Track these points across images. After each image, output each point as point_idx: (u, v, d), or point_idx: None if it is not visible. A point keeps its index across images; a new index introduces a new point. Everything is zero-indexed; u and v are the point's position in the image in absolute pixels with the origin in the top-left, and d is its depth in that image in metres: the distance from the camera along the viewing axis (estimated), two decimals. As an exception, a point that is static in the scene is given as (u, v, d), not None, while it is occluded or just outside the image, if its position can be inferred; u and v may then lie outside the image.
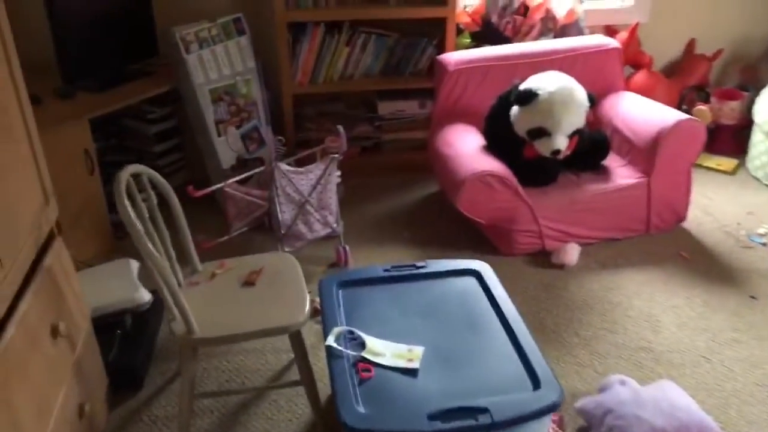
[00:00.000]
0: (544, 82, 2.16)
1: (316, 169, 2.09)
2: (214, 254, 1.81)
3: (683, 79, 3.21)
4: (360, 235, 2.46)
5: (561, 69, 2.56)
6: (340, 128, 2.17)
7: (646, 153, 2.32)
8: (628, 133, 2.41)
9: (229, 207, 2.39)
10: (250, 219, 2.41)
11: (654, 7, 3.17)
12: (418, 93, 2.85)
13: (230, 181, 2.23)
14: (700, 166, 2.99)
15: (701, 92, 3.21)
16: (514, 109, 2.20)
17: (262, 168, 2.41)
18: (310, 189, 2.11)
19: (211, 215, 2.45)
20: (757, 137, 2.87)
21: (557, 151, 2.17)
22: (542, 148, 2.18)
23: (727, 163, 3.00)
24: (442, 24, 2.72)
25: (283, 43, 2.61)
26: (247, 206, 2.32)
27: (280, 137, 2.71)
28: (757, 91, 3.22)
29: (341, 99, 2.96)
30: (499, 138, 2.28)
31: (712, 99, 3.12)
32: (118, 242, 2.38)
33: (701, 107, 3.06)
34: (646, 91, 3.05)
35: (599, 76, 2.65)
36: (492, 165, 2.18)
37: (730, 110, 3.08)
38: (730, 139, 3.13)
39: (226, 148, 2.50)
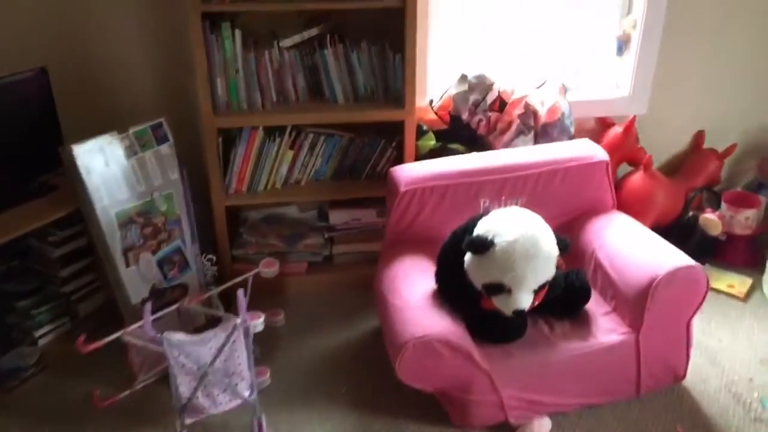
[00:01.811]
0: (503, 227, 1.75)
1: (215, 338, 1.70)
2: (113, 413, 1.44)
3: (690, 179, 2.78)
4: (289, 390, 2.06)
5: (536, 186, 2.19)
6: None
7: (633, 304, 1.89)
8: (613, 275, 1.98)
9: (131, 356, 2.02)
10: (160, 369, 2.04)
11: (654, 96, 2.75)
12: (376, 200, 2.46)
13: (131, 327, 1.86)
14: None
15: (711, 194, 2.78)
16: (468, 256, 1.79)
17: (176, 305, 2.05)
18: (212, 356, 1.72)
19: (118, 359, 2.07)
20: (777, 260, 2.44)
21: (520, 311, 1.76)
22: (501, 305, 1.77)
23: (741, 283, 2.55)
24: (401, 127, 2.34)
25: (212, 151, 2.25)
26: (154, 353, 1.95)
27: (210, 256, 2.35)
28: (776, 191, 2.79)
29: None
30: (453, 284, 1.88)
31: (723, 205, 2.68)
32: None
33: (709, 216, 2.63)
34: (645, 196, 2.65)
35: (583, 194, 2.25)
36: (440, 325, 1.77)
37: (745, 219, 2.64)
38: (745, 251, 2.69)
39: (137, 278, 2.13)
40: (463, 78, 2.51)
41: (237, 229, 2.52)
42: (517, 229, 1.74)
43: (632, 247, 2.01)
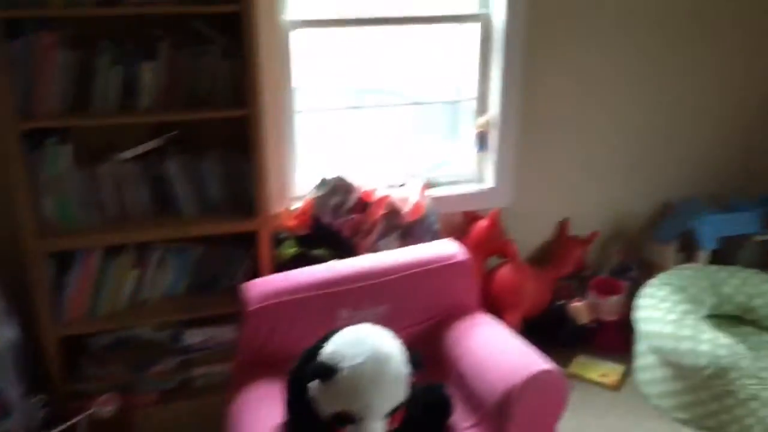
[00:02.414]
0: (350, 349, 1.64)
1: None
2: None
3: (557, 268, 2.82)
4: None
5: (398, 291, 2.11)
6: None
7: (495, 415, 1.81)
8: (474, 385, 1.91)
9: None
10: None
11: (519, 188, 2.81)
12: (236, 316, 2.29)
13: None
14: (581, 378, 2.54)
15: (578, 282, 2.83)
16: (314, 384, 1.66)
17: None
18: None
19: None
20: (642, 346, 2.46)
21: (372, 441, 1.62)
22: (352, 436, 1.63)
23: (613, 372, 2.55)
24: (255, 237, 2.23)
25: (39, 278, 2.03)
26: None
27: (41, 396, 2.08)
28: (640, 273, 2.88)
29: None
30: (303, 415, 1.73)
31: (590, 293, 2.73)
32: None
33: (577, 304, 2.65)
34: (513, 288, 2.64)
35: (446, 296, 2.19)
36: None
37: (611, 305, 2.69)
38: (614, 337, 2.71)
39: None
40: (323, 181, 2.46)
41: (77, 358, 2.26)
42: (364, 351, 1.63)
43: (493, 354, 1.95)
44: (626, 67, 2.80)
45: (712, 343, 2.13)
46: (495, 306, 2.64)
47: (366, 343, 1.66)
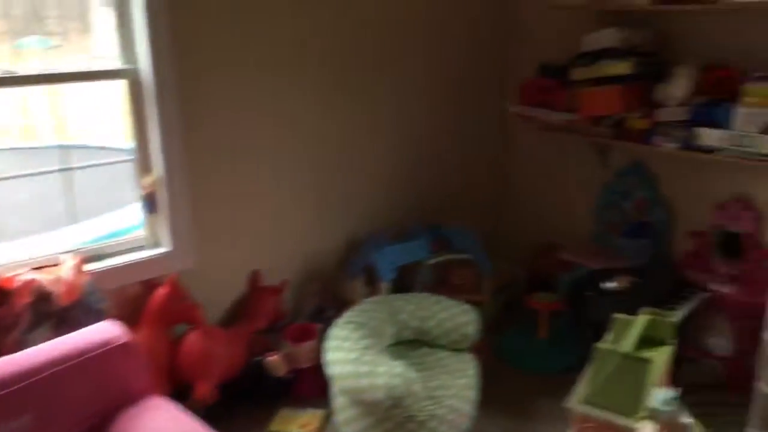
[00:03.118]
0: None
1: None
2: None
3: (252, 323, 2.74)
4: None
5: (46, 395, 1.79)
6: None
7: None
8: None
9: None
10: None
11: (200, 247, 2.67)
12: None
13: None
14: (283, 434, 2.49)
15: (274, 334, 2.79)
16: None
17: None
18: None
19: None
20: (333, 388, 2.50)
21: None
22: None
23: (313, 419, 2.55)
24: None
25: None
26: None
27: None
28: (336, 312, 2.94)
29: None
30: None
31: (285, 342, 2.70)
32: None
33: (271, 358, 2.60)
34: (203, 355, 2.47)
35: (108, 387, 1.92)
36: None
37: (305, 352, 2.70)
38: (314, 383, 2.72)
39: None
40: (-60, 274, 2.02)
41: None
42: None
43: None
44: (293, 111, 2.87)
45: (387, 374, 2.24)
46: (186, 377, 2.45)
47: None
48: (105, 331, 2.00)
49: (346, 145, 3.10)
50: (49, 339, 2.02)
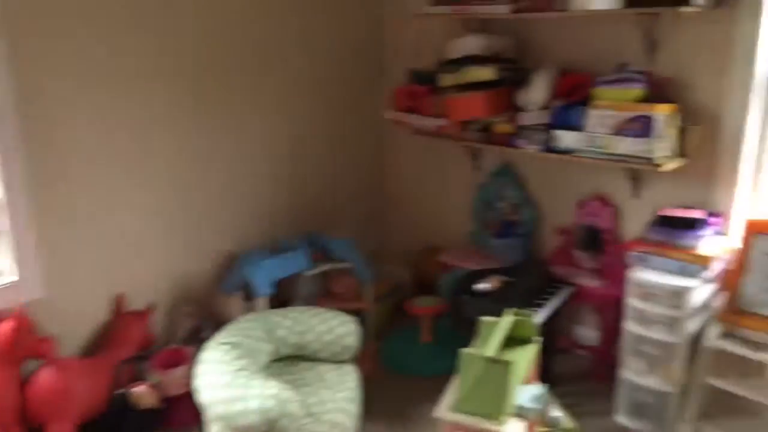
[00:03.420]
0: None
1: None
2: None
3: (116, 352, 2.54)
4: None
5: None
6: None
7: None
8: None
9: None
10: None
11: (51, 274, 2.44)
12: None
13: None
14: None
15: (142, 362, 2.60)
16: None
17: None
18: None
19: None
20: (206, 415, 2.36)
21: None
22: None
23: (188, 449, 2.42)
24: None
25: None
26: None
27: None
28: (213, 332, 2.80)
29: None
30: None
31: (154, 370, 2.53)
32: None
33: (137, 389, 2.42)
34: (58, 394, 2.26)
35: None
36: None
37: (176, 379, 2.54)
38: (188, 410, 2.57)
39: None
40: None
41: None
42: None
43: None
44: (149, 124, 2.69)
45: (260, 397, 2.14)
46: (39, 419, 2.23)
47: None
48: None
49: (213, 158, 2.97)
50: None
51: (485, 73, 2.92)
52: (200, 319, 2.91)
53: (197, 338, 2.79)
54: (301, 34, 3.22)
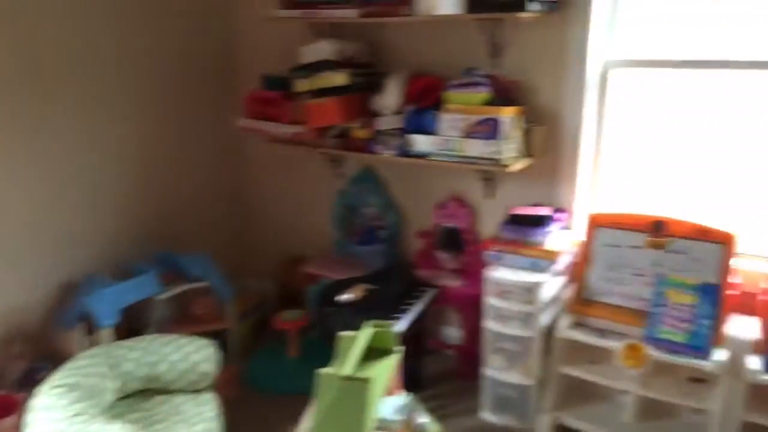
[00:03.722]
0: None
1: None
2: None
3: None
4: None
5: None
6: None
7: None
8: None
9: None
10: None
11: None
12: None
13: None
14: None
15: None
16: None
17: None
18: None
19: None
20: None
21: None
22: None
23: None
24: None
25: None
26: None
27: None
28: (49, 372, 2.50)
29: None
30: None
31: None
32: None
33: (-45, 450, 2.10)
34: None
35: None
36: None
37: (6, 430, 2.23)
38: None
39: None
40: None
41: None
42: None
43: None
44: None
45: (100, 443, 1.93)
46: None
47: None
48: None
49: (43, 177, 2.65)
50: None
51: (339, 78, 2.86)
52: (35, 360, 2.59)
53: (32, 381, 2.47)
54: (147, 40, 2.98)
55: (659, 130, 2.68)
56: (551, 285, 2.57)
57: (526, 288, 2.48)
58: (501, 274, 2.55)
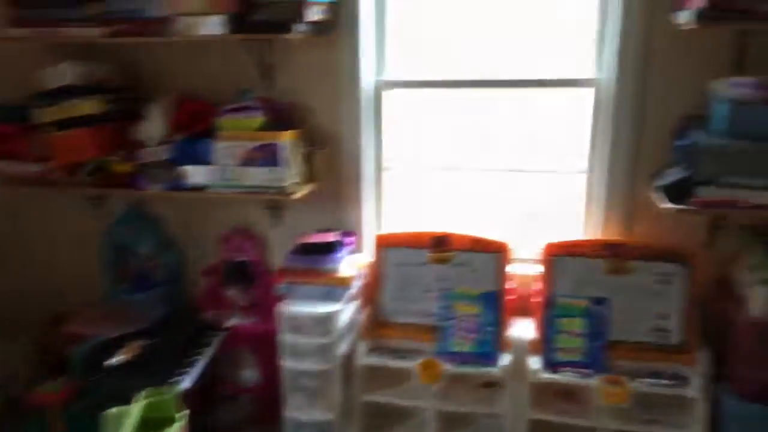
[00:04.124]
0: None
1: None
2: None
3: None
4: None
5: None
6: None
7: None
8: None
9: None
10: None
11: None
12: None
13: None
14: None
15: None
16: None
17: None
18: None
19: None
20: None
21: None
22: None
23: None
24: None
25: None
26: None
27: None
28: None
29: None
30: None
31: None
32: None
33: None
34: None
35: None
36: None
37: None
38: None
39: None
40: None
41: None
42: None
43: None
44: None
45: None
46: None
47: None
48: None
49: None
50: None
51: (88, 106, 2.49)
52: None
53: None
54: None
55: (436, 148, 2.78)
56: (346, 312, 2.49)
57: (320, 320, 2.37)
58: (294, 307, 2.41)
